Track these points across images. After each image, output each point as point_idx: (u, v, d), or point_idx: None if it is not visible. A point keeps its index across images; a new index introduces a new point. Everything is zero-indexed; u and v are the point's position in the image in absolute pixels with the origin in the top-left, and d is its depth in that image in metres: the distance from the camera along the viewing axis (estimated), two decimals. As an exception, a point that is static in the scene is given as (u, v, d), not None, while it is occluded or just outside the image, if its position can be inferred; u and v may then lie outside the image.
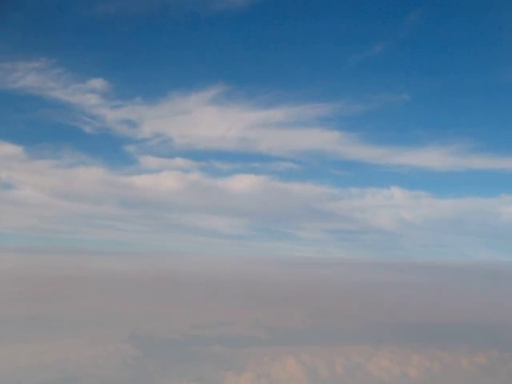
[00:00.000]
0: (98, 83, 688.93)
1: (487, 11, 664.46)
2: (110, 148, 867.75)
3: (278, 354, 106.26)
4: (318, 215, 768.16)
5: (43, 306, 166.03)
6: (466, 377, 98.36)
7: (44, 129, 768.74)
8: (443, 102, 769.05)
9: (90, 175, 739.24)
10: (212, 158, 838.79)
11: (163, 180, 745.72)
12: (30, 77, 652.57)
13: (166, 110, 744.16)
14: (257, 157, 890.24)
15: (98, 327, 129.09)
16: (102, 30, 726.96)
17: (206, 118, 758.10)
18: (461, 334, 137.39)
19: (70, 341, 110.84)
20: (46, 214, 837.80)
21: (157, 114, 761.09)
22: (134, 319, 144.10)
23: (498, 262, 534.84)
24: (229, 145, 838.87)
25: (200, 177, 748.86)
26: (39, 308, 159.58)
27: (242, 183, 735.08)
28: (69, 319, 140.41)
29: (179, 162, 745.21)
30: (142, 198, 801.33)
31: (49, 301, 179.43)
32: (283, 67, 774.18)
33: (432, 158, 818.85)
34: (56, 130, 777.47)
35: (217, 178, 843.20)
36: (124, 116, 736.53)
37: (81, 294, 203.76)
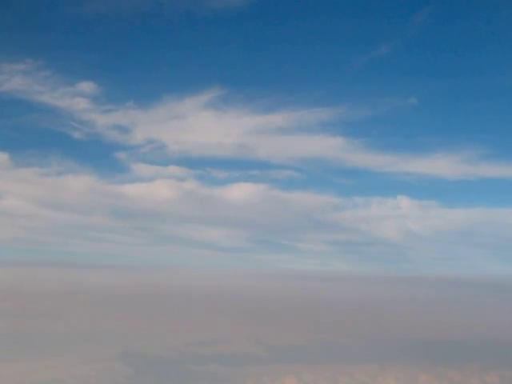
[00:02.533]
0: (87, 86, 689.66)
1: (498, 10, 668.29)
2: (101, 155, 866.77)
3: (278, 372, 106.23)
4: (321, 226, 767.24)
5: (30, 322, 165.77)
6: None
7: (30, 135, 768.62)
8: (453, 106, 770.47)
9: (80, 184, 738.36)
10: (208, 166, 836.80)
11: (157, 189, 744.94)
12: (16, 79, 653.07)
13: (160, 115, 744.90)
14: (256, 164, 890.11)
15: (88, 344, 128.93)
16: (91, 30, 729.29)
17: (201, 123, 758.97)
18: (471, 352, 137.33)
19: (58, 359, 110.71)
20: (32, 224, 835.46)
21: (150, 119, 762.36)
22: (125, 336, 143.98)
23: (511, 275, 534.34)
24: (226, 152, 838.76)
25: (195, 185, 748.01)
26: (25, 324, 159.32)
27: (240, 192, 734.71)
28: (57, 336, 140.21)
29: (173, 169, 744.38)
30: (135, 207, 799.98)
31: (36, 317, 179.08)
32: (283, 69, 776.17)
33: (441, 165, 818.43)
34: (43, 136, 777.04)
35: (213, 186, 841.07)
36: (115, 121, 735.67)
37: (70, 310, 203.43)
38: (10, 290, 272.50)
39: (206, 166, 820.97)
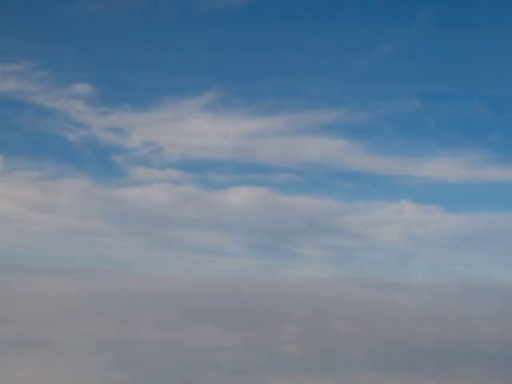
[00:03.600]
0: (83, 88, 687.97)
1: (503, 12, 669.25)
2: (97, 158, 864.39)
3: (278, 380, 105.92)
4: (322, 231, 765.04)
5: (23, 329, 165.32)
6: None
7: (24, 137, 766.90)
8: (456, 108, 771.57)
9: (75, 187, 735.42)
10: (206, 169, 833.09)
11: (154, 193, 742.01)
12: (9, 81, 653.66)
13: (157, 117, 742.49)
14: (255, 168, 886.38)
15: (83, 352, 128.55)
16: (87, 30, 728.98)
17: (199, 125, 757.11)
18: (477, 360, 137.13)
19: (51, 367, 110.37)
20: (26, 229, 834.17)
21: (147, 121, 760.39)
22: (122, 343, 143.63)
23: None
24: (225, 155, 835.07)
25: (194, 189, 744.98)
26: (18, 332, 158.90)
27: (240, 196, 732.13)
28: (51, 343, 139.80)
29: (171, 173, 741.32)
30: (131, 212, 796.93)
31: (29, 324, 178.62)
32: (283, 71, 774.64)
33: (445, 169, 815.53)
34: (38, 139, 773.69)
35: (212, 190, 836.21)
36: (111, 123, 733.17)
37: (64, 316, 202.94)
38: (3, 296, 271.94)
39: (204, 170, 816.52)
